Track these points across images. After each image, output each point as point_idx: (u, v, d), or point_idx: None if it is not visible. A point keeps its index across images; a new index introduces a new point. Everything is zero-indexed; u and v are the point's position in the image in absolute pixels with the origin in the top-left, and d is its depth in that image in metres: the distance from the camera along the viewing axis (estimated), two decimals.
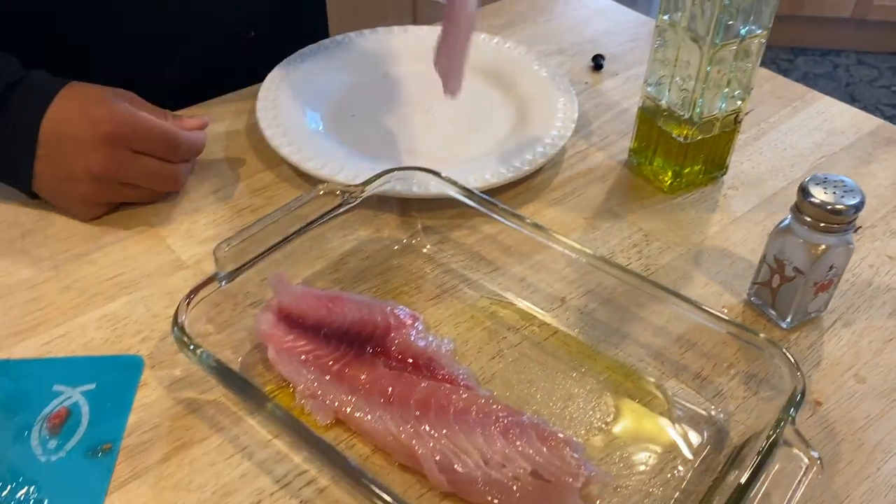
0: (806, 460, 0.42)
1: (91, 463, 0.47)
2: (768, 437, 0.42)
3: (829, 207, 0.51)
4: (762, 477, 0.41)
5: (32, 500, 0.45)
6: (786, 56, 2.81)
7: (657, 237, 0.64)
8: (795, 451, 0.43)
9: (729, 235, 0.65)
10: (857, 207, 0.51)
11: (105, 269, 0.59)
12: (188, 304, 0.49)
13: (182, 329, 0.48)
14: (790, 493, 0.41)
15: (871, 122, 0.78)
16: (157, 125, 0.60)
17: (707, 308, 0.51)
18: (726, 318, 0.50)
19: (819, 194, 0.52)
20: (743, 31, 0.60)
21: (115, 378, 0.52)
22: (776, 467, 0.42)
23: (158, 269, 0.60)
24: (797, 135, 0.76)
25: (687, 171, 0.67)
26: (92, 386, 0.51)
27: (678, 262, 0.62)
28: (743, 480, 0.41)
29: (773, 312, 0.57)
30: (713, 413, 0.51)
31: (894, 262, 0.63)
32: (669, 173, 0.68)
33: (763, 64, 0.66)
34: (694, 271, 0.61)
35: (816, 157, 0.73)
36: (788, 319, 0.56)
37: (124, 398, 0.51)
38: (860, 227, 0.66)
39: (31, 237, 0.62)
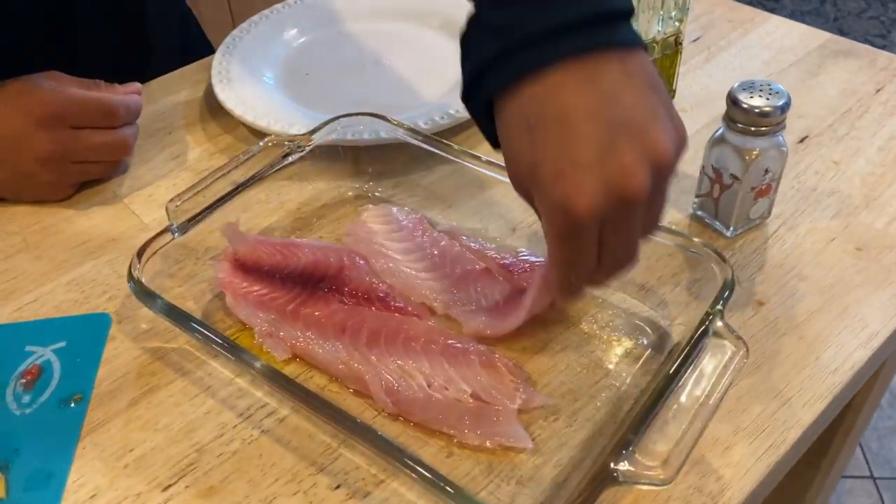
0: (734, 348, 0.44)
1: (63, 412, 0.49)
2: (696, 329, 0.44)
3: (756, 111, 0.52)
4: (690, 366, 0.43)
5: (7, 449, 0.47)
6: None
7: None
8: (725, 342, 0.44)
9: None
10: (783, 108, 0.52)
11: (72, 237, 0.62)
12: (140, 256, 0.51)
13: (138, 281, 0.50)
14: (721, 380, 0.43)
15: (820, 36, 0.78)
16: (88, 96, 0.61)
17: None
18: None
19: (746, 99, 0.53)
20: None
21: (84, 335, 0.54)
22: (707, 357, 0.44)
23: (122, 233, 0.62)
24: (747, 55, 0.77)
25: None
26: (62, 344, 0.54)
27: None
28: (671, 371, 0.42)
29: (717, 223, 0.58)
30: (656, 320, 0.52)
31: (839, 167, 0.64)
32: None
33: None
34: None
35: (766, 75, 0.74)
36: (732, 227, 0.58)
37: (94, 352, 0.53)
38: (807, 136, 0.67)
39: (0, 214, 0.64)
